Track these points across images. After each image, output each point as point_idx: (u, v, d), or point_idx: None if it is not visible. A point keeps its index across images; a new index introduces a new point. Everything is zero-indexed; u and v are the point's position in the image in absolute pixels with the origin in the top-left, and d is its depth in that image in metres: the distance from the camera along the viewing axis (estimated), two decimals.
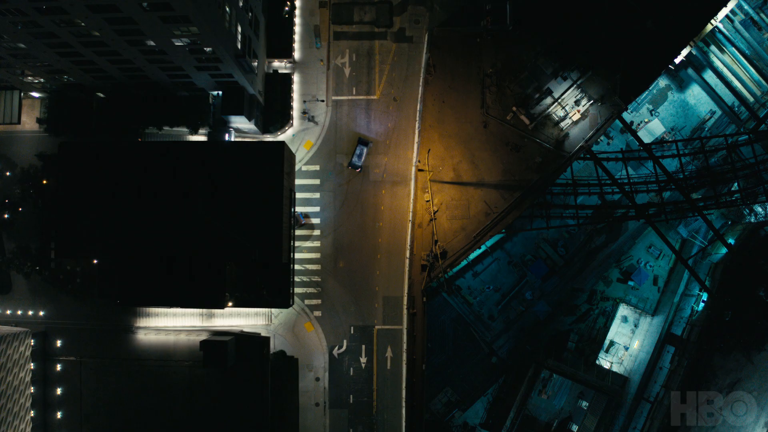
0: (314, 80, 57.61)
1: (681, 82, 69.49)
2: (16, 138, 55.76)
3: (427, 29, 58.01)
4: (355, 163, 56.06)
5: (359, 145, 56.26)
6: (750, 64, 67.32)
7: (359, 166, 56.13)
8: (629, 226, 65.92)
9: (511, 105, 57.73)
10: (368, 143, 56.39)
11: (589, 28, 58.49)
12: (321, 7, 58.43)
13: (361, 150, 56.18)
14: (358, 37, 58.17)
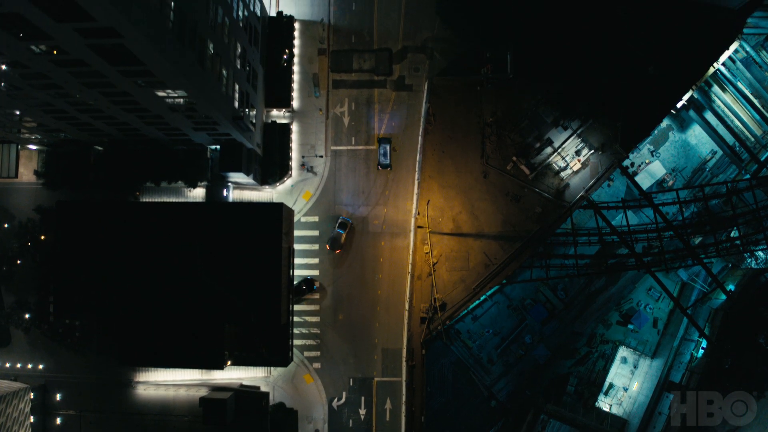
0: (313, 130, 57.24)
1: (682, 122, 68.98)
2: (14, 190, 55.48)
3: (427, 77, 57.57)
4: (383, 162, 55.89)
5: (381, 145, 56.00)
6: (750, 105, 66.74)
7: (388, 164, 55.94)
8: None
9: (512, 155, 57.38)
10: (390, 140, 56.10)
11: (591, 76, 58.07)
12: (320, 55, 57.99)
13: (384, 148, 55.90)
14: (358, 85, 57.72)
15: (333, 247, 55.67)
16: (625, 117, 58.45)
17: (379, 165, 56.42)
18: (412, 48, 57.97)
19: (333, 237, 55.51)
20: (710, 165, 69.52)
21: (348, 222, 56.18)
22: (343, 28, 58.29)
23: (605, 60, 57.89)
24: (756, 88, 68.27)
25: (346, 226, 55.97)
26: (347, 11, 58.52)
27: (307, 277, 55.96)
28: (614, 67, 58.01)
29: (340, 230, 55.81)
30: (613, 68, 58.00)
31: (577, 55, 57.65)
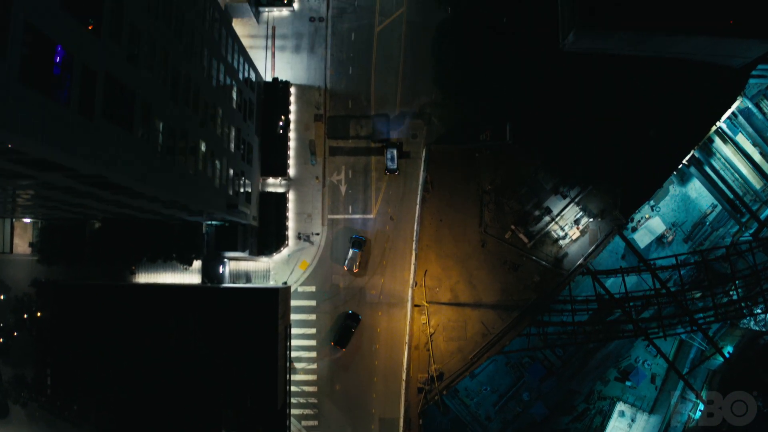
0: (310, 198, 56.76)
1: (683, 175, 68.38)
2: (9, 261, 55.14)
3: (425, 144, 56.92)
4: (390, 167, 55.30)
5: (388, 149, 55.43)
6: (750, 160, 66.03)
7: (395, 169, 55.36)
8: None
9: (510, 223, 56.92)
10: (396, 145, 55.51)
11: (590, 141, 57.41)
12: (316, 121, 57.34)
13: (391, 153, 55.29)
14: (355, 152, 57.10)
15: (351, 267, 55.00)
16: (624, 182, 57.97)
17: (387, 170, 55.70)
18: (410, 113, 57.26)
19: (350, 258, 54.80)
20: (710, 219, 69.08)
21: (362, 240, 55.41)
22: (340, 92, 57.53)
23: (605, 125, 57.24)
24: (756, 140, 67.54)
25: (361, 244, 55.21)
26: (344, 75, 57.72)
27: (349, 311, 55.42)
28: (614, 132, 57.38)
29: (355, 249, 55.09)
30: (613, 132, 57.38)
31: (577, 121, 56.95)
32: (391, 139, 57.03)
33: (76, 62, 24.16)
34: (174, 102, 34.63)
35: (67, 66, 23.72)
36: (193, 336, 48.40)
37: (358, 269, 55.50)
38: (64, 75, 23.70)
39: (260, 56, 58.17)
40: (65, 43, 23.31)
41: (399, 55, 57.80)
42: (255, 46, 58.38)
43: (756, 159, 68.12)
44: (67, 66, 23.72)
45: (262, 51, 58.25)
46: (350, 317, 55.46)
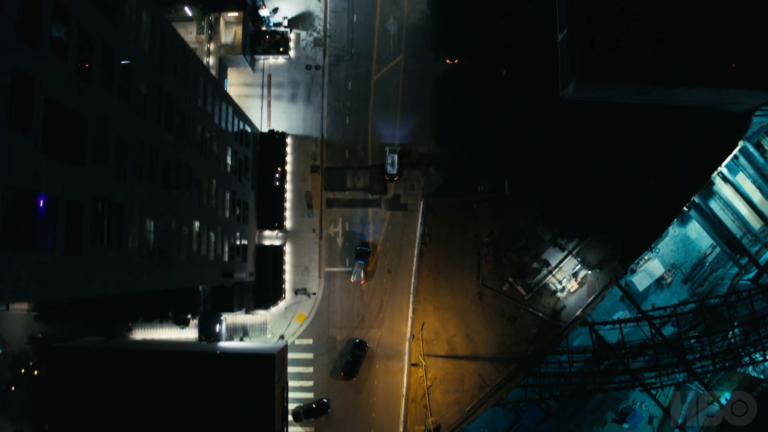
0: (306, 251, 56.42)
1: (682, 216, 67.73)
2: (6, 316, 55.13)
3: (422, 196, 56.41)
4: (390, 172, 54.95)
5: (389, 154, 55.05)
6: (748, 202, 65.32)
7: (395, 174, 55.06)
8: None
9: (508, 275, 56.54)
10: (398, 150, 55.24)
11: (589, 191, 56.80)
12: (313, 172, 56.81)
13: (392, 158, 54.93)
14: (351, 204, 56.65)
15: (357, 280, 54.89)
16: (623, 232, 57.48)
17: (386, 175, 55.29)
18: (407, 164, 56.60)
19: (356, 271, 54.69)
20: (710, 259, 68.60)
21: (367, 250, 55.11)
22: (337, 143, 56.94)
23: (604, 175, 56.63)
24: (756, 180, 66.70)
25: (366, 255, 54.86)
26: (341, 125, 57.08)
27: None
28: (613, 182, 56.75)
29: (360, 261, 54.75)
30: (613, 183, 56.76)
31: (576, 171, 56.32)
32: (393, 143, 56.50)
33: (60, 202, 23.83)
34: (167, 196, 34.27)
35: (50, 210, 23.39)
36: (190, 398, 48.41)
37: (365, 281, 55.21)
38: (47, 220, 23.37)
39: (256, 105, 57.57)
40: (48, 190, 22.96)
41: (397, 104, 57.09)
42: (251, 94, 57.78)
43: (756, 199, 67.43)
44: (50, 210, 23.39)
45: (257, 100, 57.62)
46: (358, 346, 55.05)
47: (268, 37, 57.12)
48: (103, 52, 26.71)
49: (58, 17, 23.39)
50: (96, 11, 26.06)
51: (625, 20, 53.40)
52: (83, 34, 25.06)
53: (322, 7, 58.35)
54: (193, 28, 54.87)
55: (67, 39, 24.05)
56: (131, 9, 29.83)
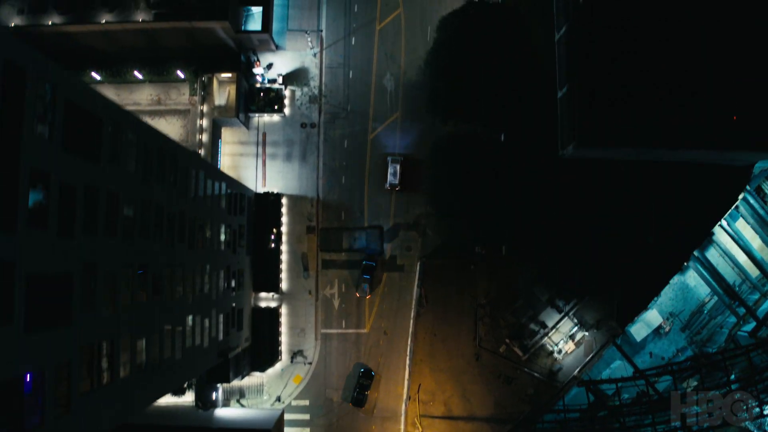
0: (303, 312, 56.20)
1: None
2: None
3: (419, 258, 55.99)
4: (392, 182, 54.97)
5: (391, 164, 55.01)
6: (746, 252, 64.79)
7: (397, 184, 55.02)
8: None
9: (505, 336, 56.37)
10: (399, 159, 55.22)
11: (587, 251, 56.35)
12: (308, 233, 56.37)
13: (393, 168, 54.89)
14: (348, 265, 56.26)
15: (363, 295, 54.95)
16: (621, 291, 57.23)
17: (388, 185, 55.24)
18: (404, 225, 56.20)
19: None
20: (708, 307, 68.29)
21: (372, 265, 54.95)
22: (333, 203, 56.38)
23: (602, 234, 56.14)
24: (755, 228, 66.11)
25: (372, 269, 54.80)
26: (337, 185, 56.47)
27: (361, 369, 55.16)
28: (612, 241, 56.28)
29: (366, 275, 54.63)
30: (611, 242, 56.28)
31: (573, 231, 55.82)
32: (394, 153, 56.24)
33: (48, 372, 23.49)
34: (159, 308, 33.92)
35: (38, 383, 23.05)
36: None
37: (370, 296, 55.27)
38: (35, 394, 23.06)
39: (251, 164, 56.92)
40: (34, 365, 22.62)
41: None
42: (245, 153, 57.08)
43: (755, 246, 66.93)
44: (38, 383, 23.05)
45: (252, 158, 56.94)
46: (364, 375, 54.90)
47: (263, 94, 56.25)
48: (86, 196, 26.09)
49: (37, 183, 22.73)
50: (76, 159, 25.36)
51: (626, 82, 52.64)
52: (64, 189, 24.40)
53: (317, 63, 57.38)
54: (186, 89, 54.00)
55: (47, 202, 23.45)
56: (115, 137, 29.09)
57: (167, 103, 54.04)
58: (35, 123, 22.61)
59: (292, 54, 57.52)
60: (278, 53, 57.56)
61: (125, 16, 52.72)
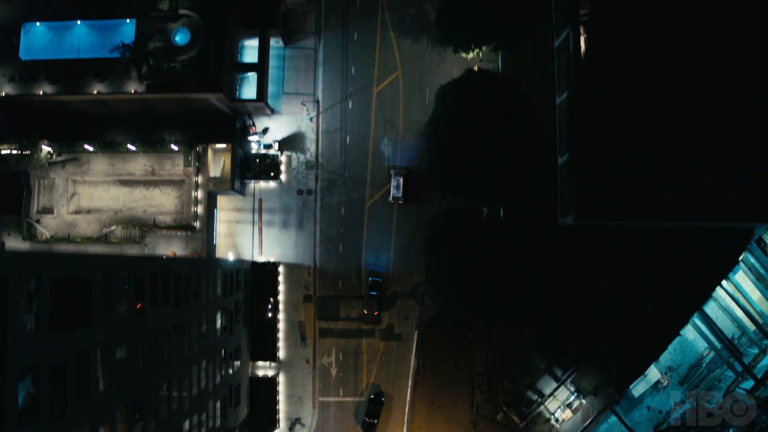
0: (300, 381, 56.05)
1: None
2: None
3: (417, 326, 55.69)
4: (395, 195, 54.80)
5: (394, 177, 54.81)
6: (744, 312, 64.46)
7: (400, 197, 54.87)
8: None
9: (502, 404, 56.34)
10: (403, 172, 55.02)
11: (584, 318, 56.07)
12: (306, 302, 55.99)
13: (397, 180, 54.72)
14: (345, 334, 55.96)
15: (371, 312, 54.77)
16: (619, 358, 57.10)
17: (392, 198, 55.04)
18: (401, 294, 55.78)
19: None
20: (707, 360, 68.19)
21: (378, 281, 54.83)
22: (330, 271, 55.90)
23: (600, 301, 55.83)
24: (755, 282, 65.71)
25: (378, 285, 54.73)
26: (333, 253, 55.93)
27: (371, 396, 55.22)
28: (610, 307, 55.99)
29: (373, 292, 54.60)
30: (609, 308, 56.00)
31: (572, 298, 55.49)
32: (396, 166, 55.98)
33: None
34: (156, 427, 33.72)
35: None
36: None
37: (378, 312, 55.37)
38: None
39: (247, 231, 56.31)
40: None
41: (391, 231, 55.82)
42: (241, 220, 56.44)
43: (755, 298, 66.59)
44: None
45: (248, 225, 56.32)
46: (374, 401, 54.72)
47: (259, 161, 55.45)
48: (78, 362, 25.70)
49: (25, 377, 22.26)
50: (65, 335, 24.90)
51: (629, 153, 51.77)
52: (54, 370, 23.99)
53: (313, 127, 56.44)
54: (180, 159, 53.15)
55: (38, 392, 23.04)
56: (104, 286, 28.51)
57: (161, 174, 53.24)
58: (20, 319, 22.16)
59: (288, 118, 56.55)
60: (274, 117, 56.58)
61: (117, 86, 51.75)
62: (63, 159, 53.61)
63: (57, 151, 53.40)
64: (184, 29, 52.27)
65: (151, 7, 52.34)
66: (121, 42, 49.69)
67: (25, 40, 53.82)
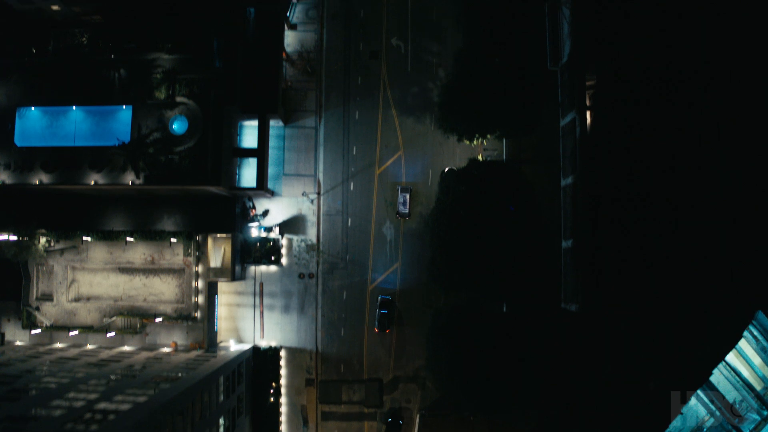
0: None
1: None
2: None
3: (418, 410, 55.64)
4: (402, 211, 54.89)
5: (401, 193, 54.88)
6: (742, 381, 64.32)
7: (407, 214, 55.02)
8: None
9: None
10: (409, 189, 55.18)
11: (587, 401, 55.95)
12: (308, 386, 55.83)
13: (403, 197, 54.84)
14: (347, 417, 55.94)
15: (382, 329, 54.67)
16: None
17: (398, 214, 55.06)
18: (403, 378, 55.59)
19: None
20: (708, 425, 68.34)
21: (389, 299, 55.09)
22: (332, 356, 55.64)
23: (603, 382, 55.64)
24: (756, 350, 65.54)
25: (389, 303, 54.73)
26: (335, 338, 55.61)
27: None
28: (611, 389, 55.81)
29: (384, 310, 54.62)
30: (611, 390, 55.82)
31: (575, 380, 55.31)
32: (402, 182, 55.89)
33: None
34: None
35: None
36: None
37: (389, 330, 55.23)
38: None
39: (248, 315, 55.90)
40: None
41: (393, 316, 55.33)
42: (242, 303, 56.00)
43: (756, 363, 66.43)
44: None
45: (249, 309, 55.89)
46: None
47: (259, 245, 54.77)
48: None
49: None
50: None
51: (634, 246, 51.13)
52: None
53: (314, 210, 55.63)
54: (180, 249, 52.49)
55: None
56: None
57: (161, 263, 52.66)
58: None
59: (288, 200, 55.73)
60: (274, 199, 55.76)
61: (114, 177, 50.85)
62: (61, 247, 53.00)
63: (55, 239, 52.75)
64: (181, 117, 51.22)
65: (148, 94, 51.14)
66: (117, 139, 48.68)
67: (20, 125, 52.84)
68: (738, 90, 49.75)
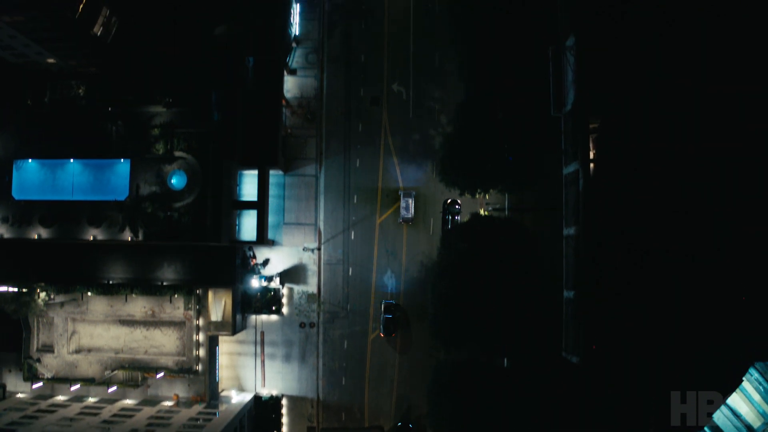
0: None
1: None
2: None
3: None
4: (405, 216, 54.53)
5: (404, 198, 54.53)
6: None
7: (410, 219, 54.78)
8: None
9: None
10: (412, 193, 54.87)
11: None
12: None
13: (407, 201, 54.56)
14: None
15: (388, 333, 54.59)
16: None
17: (401, 219, 54.90)
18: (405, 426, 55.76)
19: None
20: None
21: (393, 303, 54.99)
22: (333, 404, 55.76)
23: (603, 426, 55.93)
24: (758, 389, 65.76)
25: (393, 308, 54.60)
26: (337, 386, 55.69)
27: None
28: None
29: (388, 315, 54.76)
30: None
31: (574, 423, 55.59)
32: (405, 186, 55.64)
33: None
34: None
35: None
36: None
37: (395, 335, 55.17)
38: None
39: (249, 363, 55.92)
40: None
41: (394, 363, 55.35)
42: (243, 352, 55.99)
43: (756, 399, 66.68)
44: None
45: (251, 358, 55.88)
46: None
47: (260, 295, 54.51)
48: None
49: None
50: None
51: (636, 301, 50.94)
52: None
53: (315, 259, 55.32)
54: (180, 302, 52.23)
55: None
56: None
57: (161, 316, 52.47)
58: None
59: (289, 250, 55.41)
60: (275, 248, 55.42)
61: (113, 233, 50.52)
62: (61, 300, 52.76)
63: (55, 293, 52.47)
64: (180, 172, 50.74)
65: (146, 148, 50.56)
66: (115, 200, 48.22)
67: (17, 177, 52.43)
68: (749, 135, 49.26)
